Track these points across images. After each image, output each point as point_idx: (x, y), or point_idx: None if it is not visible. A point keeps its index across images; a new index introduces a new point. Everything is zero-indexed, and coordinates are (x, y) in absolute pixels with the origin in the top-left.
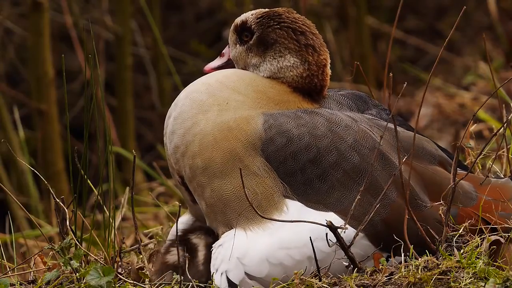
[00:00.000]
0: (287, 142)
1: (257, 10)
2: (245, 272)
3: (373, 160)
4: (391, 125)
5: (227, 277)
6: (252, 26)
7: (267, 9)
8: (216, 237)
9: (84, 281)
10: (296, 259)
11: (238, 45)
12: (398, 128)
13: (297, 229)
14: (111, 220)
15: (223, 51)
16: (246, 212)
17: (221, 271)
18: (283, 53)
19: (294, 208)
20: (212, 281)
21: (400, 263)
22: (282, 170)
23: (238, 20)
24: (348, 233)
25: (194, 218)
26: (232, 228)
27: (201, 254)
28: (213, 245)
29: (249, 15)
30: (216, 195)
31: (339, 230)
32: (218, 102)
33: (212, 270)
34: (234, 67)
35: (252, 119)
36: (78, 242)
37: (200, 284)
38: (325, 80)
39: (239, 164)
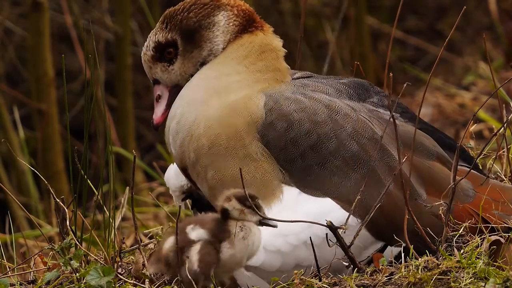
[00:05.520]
0: (288, 127)
1: (151, 33)
2: None
3: (372, 150)
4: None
5: None
6: (168, 37)
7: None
8: None
9: (84, 281)
10: (293, 244)
11: (170, 66)
12: (398, 122)
13: (293, 216)
14: (111, 220)
15: (156, 95)
16: None
17: None
18: (212, 21)
19: (290, 195)
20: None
21: (400, 263)
22: (282, 156)
23: (147, 53)
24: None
25: None
26: None
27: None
28: None
29: (150, 40)
30: (217, 175)
31: (339, 230)
32: (214, 89)
33: None
34: (178, 96)
35: (251, 100)
36: (78, 242)
37: None
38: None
39: (241, 143)
